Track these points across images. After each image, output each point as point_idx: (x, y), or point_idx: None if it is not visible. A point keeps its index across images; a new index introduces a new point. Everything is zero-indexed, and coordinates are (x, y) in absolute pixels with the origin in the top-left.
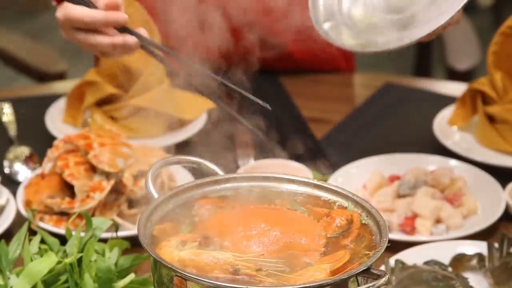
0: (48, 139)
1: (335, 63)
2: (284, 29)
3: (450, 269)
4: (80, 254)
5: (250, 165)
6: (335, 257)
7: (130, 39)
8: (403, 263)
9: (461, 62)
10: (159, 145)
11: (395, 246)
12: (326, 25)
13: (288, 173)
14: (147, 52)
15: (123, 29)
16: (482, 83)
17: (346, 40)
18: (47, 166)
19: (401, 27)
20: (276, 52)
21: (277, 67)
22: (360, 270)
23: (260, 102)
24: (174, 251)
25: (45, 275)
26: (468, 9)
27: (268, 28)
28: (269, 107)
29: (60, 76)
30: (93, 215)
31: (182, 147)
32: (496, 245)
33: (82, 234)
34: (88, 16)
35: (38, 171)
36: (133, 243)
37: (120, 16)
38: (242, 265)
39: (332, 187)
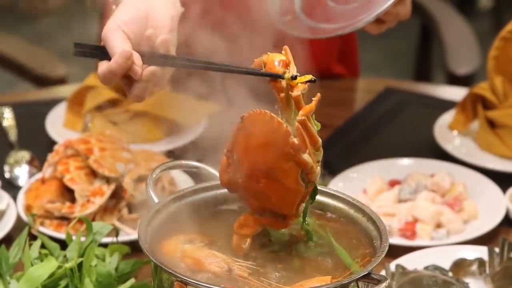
0: (48, 144)
1: (333, 71)
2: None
3: (450, 274)
4: (81, 259)
5: None
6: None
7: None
8: (403, 268)
9: (461, 66)
10: (160, 150)
11: (396, 251)
12: (284, 19)
13: None
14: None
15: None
16: (482, 88)
17: (300, 31)
18: (47, 170)
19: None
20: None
21: None
22: (361, 275)
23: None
24: (179, 244)
25: (46, 280)
26: (468, 13)
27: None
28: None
29: (61, 81)
30: (93, 219)
31: (182, 152)
32: (497, 250)
33: (83, 238)
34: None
35: (39, 175)
36: (134, 247)
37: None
38: (238, 267)
39: (332, 192)
